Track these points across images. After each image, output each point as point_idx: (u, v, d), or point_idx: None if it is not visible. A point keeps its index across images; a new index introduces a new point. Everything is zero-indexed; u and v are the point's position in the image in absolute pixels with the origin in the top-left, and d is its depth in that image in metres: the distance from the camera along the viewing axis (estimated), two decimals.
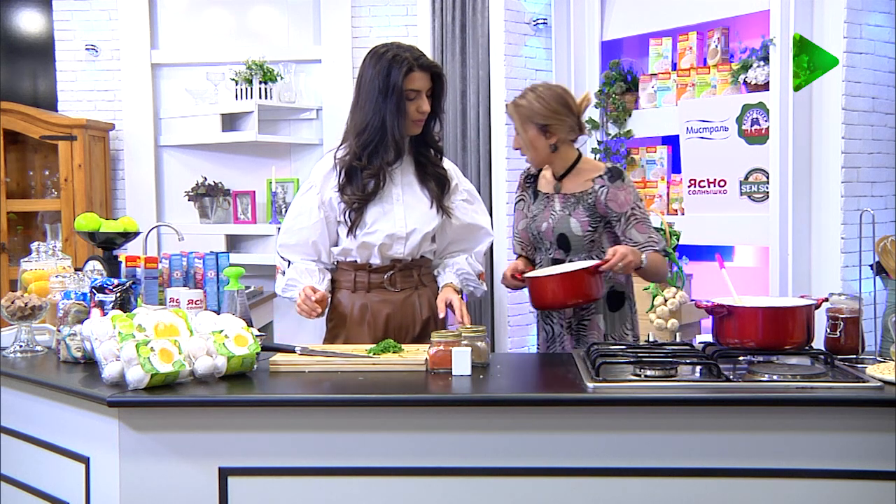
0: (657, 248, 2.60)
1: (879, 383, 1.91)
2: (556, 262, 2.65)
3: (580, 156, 2.69)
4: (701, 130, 4.25)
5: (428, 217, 2.63)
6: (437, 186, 2.65)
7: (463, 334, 2.18)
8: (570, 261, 2.63)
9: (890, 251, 2.22)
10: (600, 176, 2.63)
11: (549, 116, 2.58)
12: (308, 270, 2.63)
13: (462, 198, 2.73)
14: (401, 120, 2.51)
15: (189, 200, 5.17)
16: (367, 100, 2.53)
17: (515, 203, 2.82)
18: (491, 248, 4.71)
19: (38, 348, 2.45)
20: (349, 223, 2.57)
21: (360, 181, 2.56)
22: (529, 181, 2.79)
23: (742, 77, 4.11)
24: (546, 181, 2.75)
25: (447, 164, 2.75)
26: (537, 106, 2.59)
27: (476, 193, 2.81)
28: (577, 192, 2.65)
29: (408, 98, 2.51)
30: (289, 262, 2.68)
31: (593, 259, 2.56)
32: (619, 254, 2.44)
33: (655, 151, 4.66)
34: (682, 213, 4.39)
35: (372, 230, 2.57)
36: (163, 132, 5.25)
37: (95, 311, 2.32)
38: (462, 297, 2.63)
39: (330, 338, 2.67)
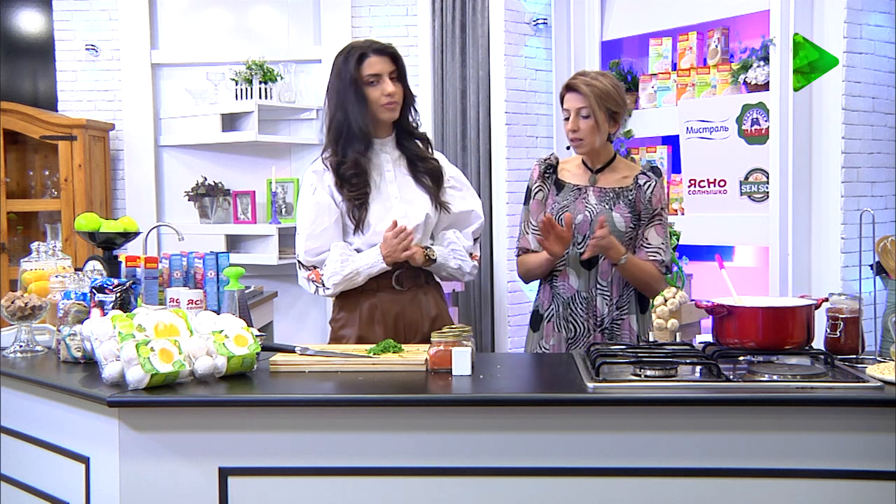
0: (657, 259, 2.63)
1: (879, 383, 1.91)
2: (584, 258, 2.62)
3: (616, 153, 2.73)
4: (701, 130, 4.24)
5: (428, 214, 2.63)
6: (433, 181, 2.66)
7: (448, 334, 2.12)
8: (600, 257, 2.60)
9: (890, 251, 2.22)
10: (643, 172, 2.67)
11: (620, 105, 2.58)
12: (350, 250, 2.57)
13: (449, 185, 2.71)
14: (362, 108, 2.53)
15: (189, 200, 5.17)
16: (332, 98, 2.59)
17: (534, 194, 2.71)
18: (490, 248, 4.73)
19: (38, 348, 2.45)
20: (354, 221, 2.57)
21: (347, 177, 2.56)
22: (549, 171, 2.72)
23: (742, 77, 4.11)
24: (571, 173, 2.70)
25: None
26: (613, 91, 2.56)
27: (462, 177, 2.78)
28: (617, 188, 2.64)
29: (369, 84, 2.54)
30: (314, 266, 2.60)
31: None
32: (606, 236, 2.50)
33: (655, 151, 4.65)
34: (682, 213, 4.38)
35: (378, 230, 2.56)
36: (163, 132, 5.25)
37: (95, 311, 2.32)
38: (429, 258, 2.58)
39: (336, 338, 2.64)
